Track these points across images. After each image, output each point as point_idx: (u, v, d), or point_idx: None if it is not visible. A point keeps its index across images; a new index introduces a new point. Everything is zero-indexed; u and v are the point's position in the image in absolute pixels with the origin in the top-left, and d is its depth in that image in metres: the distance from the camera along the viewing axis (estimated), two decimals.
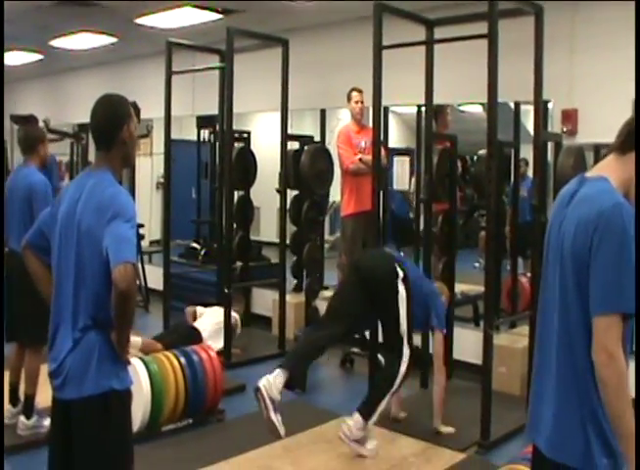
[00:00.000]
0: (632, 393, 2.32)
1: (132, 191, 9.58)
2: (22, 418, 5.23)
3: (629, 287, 2.21)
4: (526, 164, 7.72)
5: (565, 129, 6.64)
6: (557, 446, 2.38)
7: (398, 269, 5.26)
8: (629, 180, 2.38)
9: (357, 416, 5.07)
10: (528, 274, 6.76)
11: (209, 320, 7.34)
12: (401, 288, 5.21)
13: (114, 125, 3.12)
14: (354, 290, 5.34)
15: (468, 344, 6.63)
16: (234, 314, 7.44)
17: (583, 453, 2.30)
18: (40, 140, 5.55)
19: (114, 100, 3.21)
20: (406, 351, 5.18)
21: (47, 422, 4.74)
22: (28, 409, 5.23)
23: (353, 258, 5.85)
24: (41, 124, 9.02)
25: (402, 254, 6.11)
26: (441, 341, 5.54)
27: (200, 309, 7.64)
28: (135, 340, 6.13)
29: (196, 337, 6.94)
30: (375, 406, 5.10)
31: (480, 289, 5.92)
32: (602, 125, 6.34)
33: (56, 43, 10.16)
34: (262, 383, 4.87)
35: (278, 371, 4.95)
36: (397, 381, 5.15)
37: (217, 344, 7.09)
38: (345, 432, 5.07)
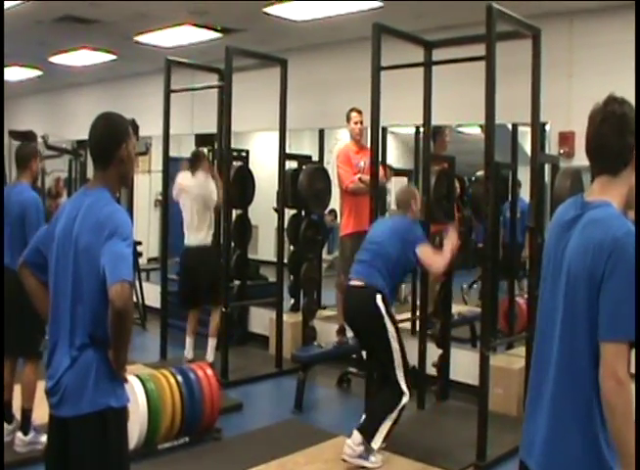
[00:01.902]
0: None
1: (130, 208, 9.58)
2: (20, 434, 5.21)
3: None
4: (519, 185, 7.73)
5: (562, 151, 6.66)
6: (553, 469, 2.38)
7: (380, 305, 5.29)
8: (627, 194, 2.42)
9: (356, 434, 5.09)
10: (525, 295, 6.75)
11: None
12: (388, 324, 5.29)
13: (112, 144, 3.12)
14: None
15: (465, 365, 6.62)
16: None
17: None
18: (32, 156, 5.56)
19: (113, 118, 3.21)
20: (405, 388, 5.23)
21: (44, 438, 4.71)
22: (26, 425, 5.22)
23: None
24: (40, 141, 9.05)
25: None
26: (428, 249, 5.57)
27: None
28: None
29: None
30: (375, 428, 5.11)
31: (477, 310, 5.92)
32: None
33: (55, 59, 10.19)
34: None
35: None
36: (397, 411, 5.18)
37: None
38: (347, 451, 5.11)
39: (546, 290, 2.54)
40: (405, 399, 5.21)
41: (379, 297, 5.30)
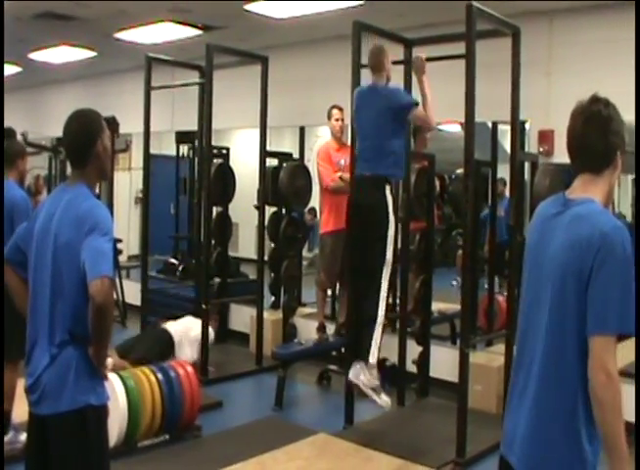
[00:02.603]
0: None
1: (110, 206, 9.55)
2: None
3: (629, 308, 2.26)
4: (504, 184, 7.77)
5: (541, 149, 6.70)
6: (534, 464, 2.41)
7: (388, 196, 5.43)
8: (608, 192, 2.51)
9: (361, 364, 5.26)
10: (505, 293, 6.78)
11: (183, 331, 7.30)
12: (391, 217, 5.43)
13: (87, 141, 3.12)
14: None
15: (444, 362, 6.64)
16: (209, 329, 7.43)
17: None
18: (20, 155, 5.53)
19: (86, 115, 3.21)
20: (384, 285, 5.37)
21: (23, 437, 4.70)
22: (5, 425, 5.18)
23: (351, 200, 5.87)
24: (19, 138, 8.99)
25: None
26: (420, 109, 5.61)
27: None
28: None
29: (166, 343, 6.94)
30: (369, 345, 5.26)
31: (458, 307, 5.94)
32: None
33: (34, 56, 10.14)
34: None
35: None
36: (379, 318, 5.32)
37: (184, 352, 7.10)
38: (362, 378, 5.27)
39: (529, 286, 2.58)
40: (383, 304, 5.35)
41: (387, 188, 5.45)
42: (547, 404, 2.39)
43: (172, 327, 7.31)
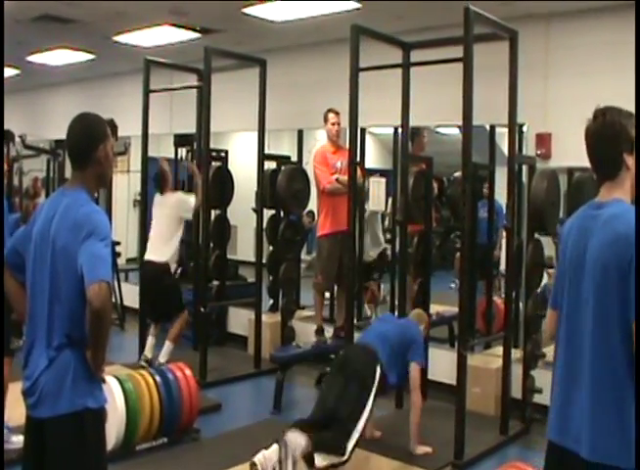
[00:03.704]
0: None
1: (109, 208, 9.56)
2: None
3: None
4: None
5: (539, 153, 6.71)
6: (600, 450, 2.59)
7: (377, 375, 5.19)
8: (630, 190, 2.79)
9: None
10: (503, 295, 6.79)
11: None
12: (374, 389, 5.13)
13: (89, 145, 3.12)
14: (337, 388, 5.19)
15: (443, 364, 6.65)
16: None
17: (625, 451, 2.53)
18: None
19: (91, 119, 3.21)
20: (349, 448, 4.88)
21: (15, 438, 4.72)
22: None
23: (340, 354, 5.66)
24: (17, 140, 9.00)
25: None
26: (418, 371, 5.55)
27: None
28: None
29: None
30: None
31: (456, 310, 5.95)
32: (575, 149, 6.40)
33: (33, 59, 10.15)
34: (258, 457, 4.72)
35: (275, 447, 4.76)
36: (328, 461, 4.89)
37: None
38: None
39: (570, 283, 2.79)
40: (340, 460, 4.84)
41: (378, 367, 5.21)
42: (604, 393, 2.61)
43: None
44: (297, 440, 4.71)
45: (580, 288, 2.72)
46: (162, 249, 7.39)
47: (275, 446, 4.72)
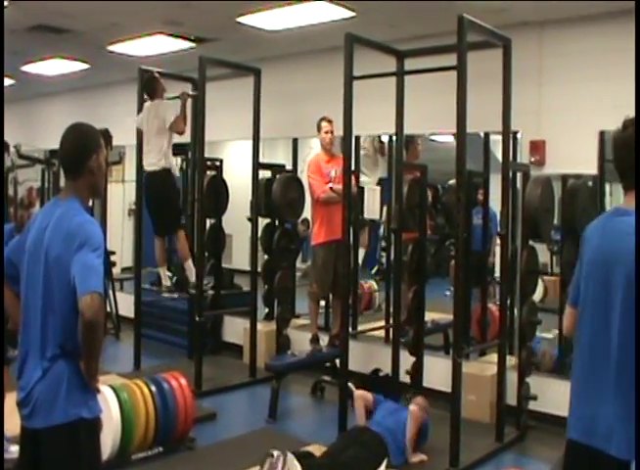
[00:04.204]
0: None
1: (104, 218, 9.55)
2: None
3: None
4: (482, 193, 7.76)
5: (533, 160, 6.72)
6: (629, 447, 2.69)
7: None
8: None
9: None
10: (498, 302, 6.80)
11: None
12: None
13: (82, 155, 3.13)
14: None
15: (438, 372, 6.65)
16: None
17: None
18: None
19: (84, 129, 3.22)
20: None
21: (14, 448, 4.70)
22: None
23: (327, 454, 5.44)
24: (12, 150, 9.01)
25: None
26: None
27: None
28: None
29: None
30: None
31: (451, 317, 5.96)
32: (568, 156, 6.50)
33: (27, 69, 10.14)
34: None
35: None
36: None
37: None
38: None
39: (595, 283, 2.89)
40: None
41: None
42: (630, 390, 2.69)
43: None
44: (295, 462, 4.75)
45: (608, 287, 2.81)
46: (161, 158, 7.67)
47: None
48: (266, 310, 8.74)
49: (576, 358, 2.96)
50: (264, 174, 8.23)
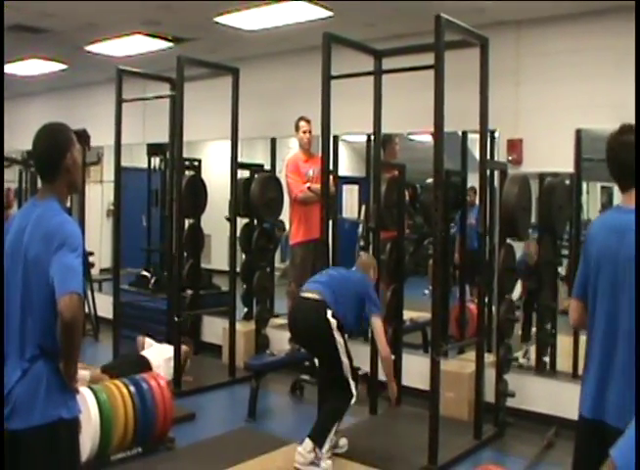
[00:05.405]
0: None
1: (82, 218, 9.51)
2: None
3: None
4: (475, 192, 7.82)
5: (510, 158, 6.76)
6: (623, 417, 2.78)
7: (330, 318, 5.30)
8: None
9: (307, 441, 5.13)
10: (476, 300, 6.83)
11: (158, 353, 7.25)
12: (337, 335, 5.30)
13: (56, 155, 3.13)
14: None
15: (416, 370, 6.66)
16: (184, 348, 7.41)
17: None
18: None
19: (55, 129, 3.22)
20: (354, 389, 5.34)
21: None
22: None
23: (289, 318, 5.88)
24: None
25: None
26: (380, 322, 5.64)
27: (149, 341, 7.57)
28: (83, 374, 6.10)
29: (145, 365, 6.87)
30: (326, 433, 5.16)
31: (429, 316, 5.98)
32: (545, 155, 6.55)
33: (5, 69, 10.07)
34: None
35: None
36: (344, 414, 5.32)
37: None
38: (298, 459, 5.14)
39: (603, 275, 3.06)
40: (353, 401, 5.36)
41: (329, 312, 5.31)
42: (630, 370, 2.85)
43: (149, 355, 7.22)
44: None
45: (614, 283, 2.99)
46: None
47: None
48: (245, 310, 8.73)
49: (593, 343, 3.11)
50: (243, 174, 8.23)
